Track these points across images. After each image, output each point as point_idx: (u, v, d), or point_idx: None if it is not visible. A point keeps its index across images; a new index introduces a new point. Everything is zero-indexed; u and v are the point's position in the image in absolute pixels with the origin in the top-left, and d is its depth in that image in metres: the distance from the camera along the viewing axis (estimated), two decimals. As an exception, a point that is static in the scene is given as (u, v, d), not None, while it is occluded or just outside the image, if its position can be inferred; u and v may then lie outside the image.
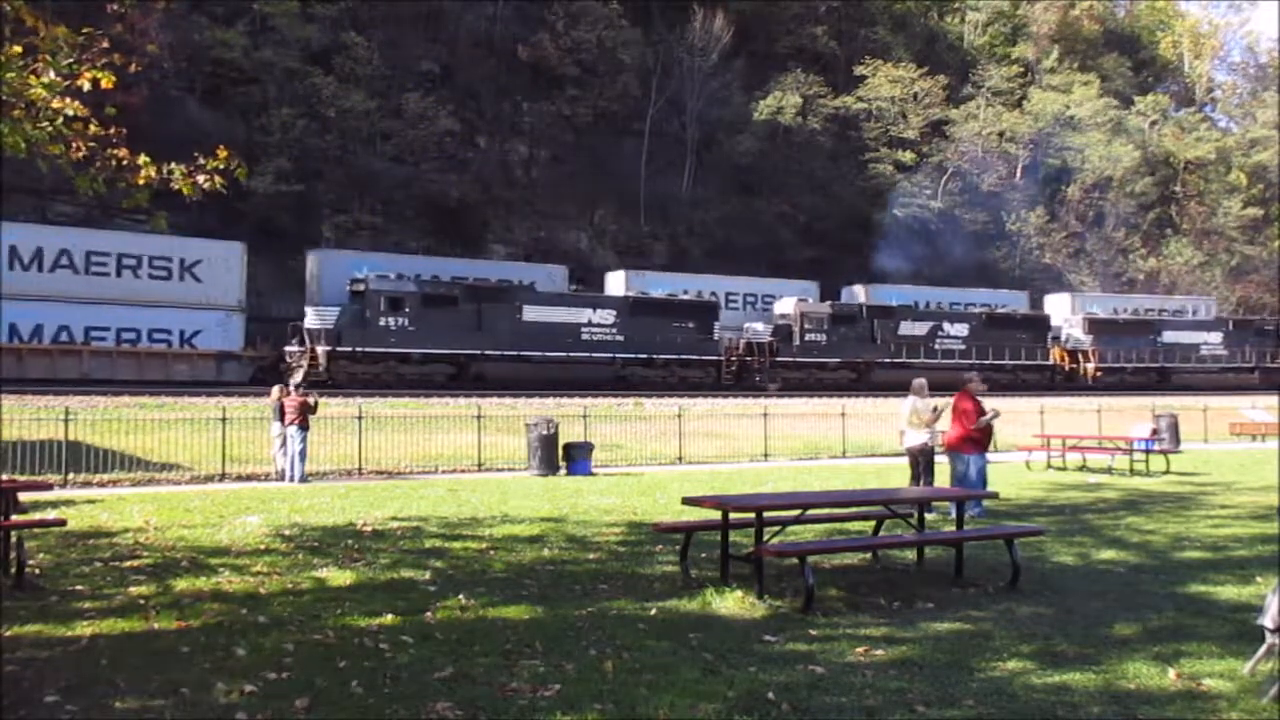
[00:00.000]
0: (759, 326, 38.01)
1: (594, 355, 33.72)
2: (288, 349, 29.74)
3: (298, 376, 24.49)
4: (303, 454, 16.50)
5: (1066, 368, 43.11)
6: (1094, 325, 44.36)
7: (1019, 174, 64.47)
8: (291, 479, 16.22)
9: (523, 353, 32.15)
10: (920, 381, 13.48)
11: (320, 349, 29.00)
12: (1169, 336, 45.57)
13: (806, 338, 37.59)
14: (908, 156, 58.30)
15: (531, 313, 32.86)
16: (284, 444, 16.89)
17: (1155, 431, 21.70)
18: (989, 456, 13.26)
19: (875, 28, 64.16)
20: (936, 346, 40.11)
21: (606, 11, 52.11)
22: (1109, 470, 18.36)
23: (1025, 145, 63.07)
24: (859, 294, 43.15)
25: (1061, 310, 46.91)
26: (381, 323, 30.23)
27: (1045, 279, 60.84)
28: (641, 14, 55.00)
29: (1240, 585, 7.87)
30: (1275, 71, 74.41)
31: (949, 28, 69.05)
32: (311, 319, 29.63)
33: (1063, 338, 44.13)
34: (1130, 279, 63.85)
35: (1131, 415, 28.42)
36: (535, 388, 30.04)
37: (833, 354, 37.95)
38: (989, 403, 13.36)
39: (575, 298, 35.20)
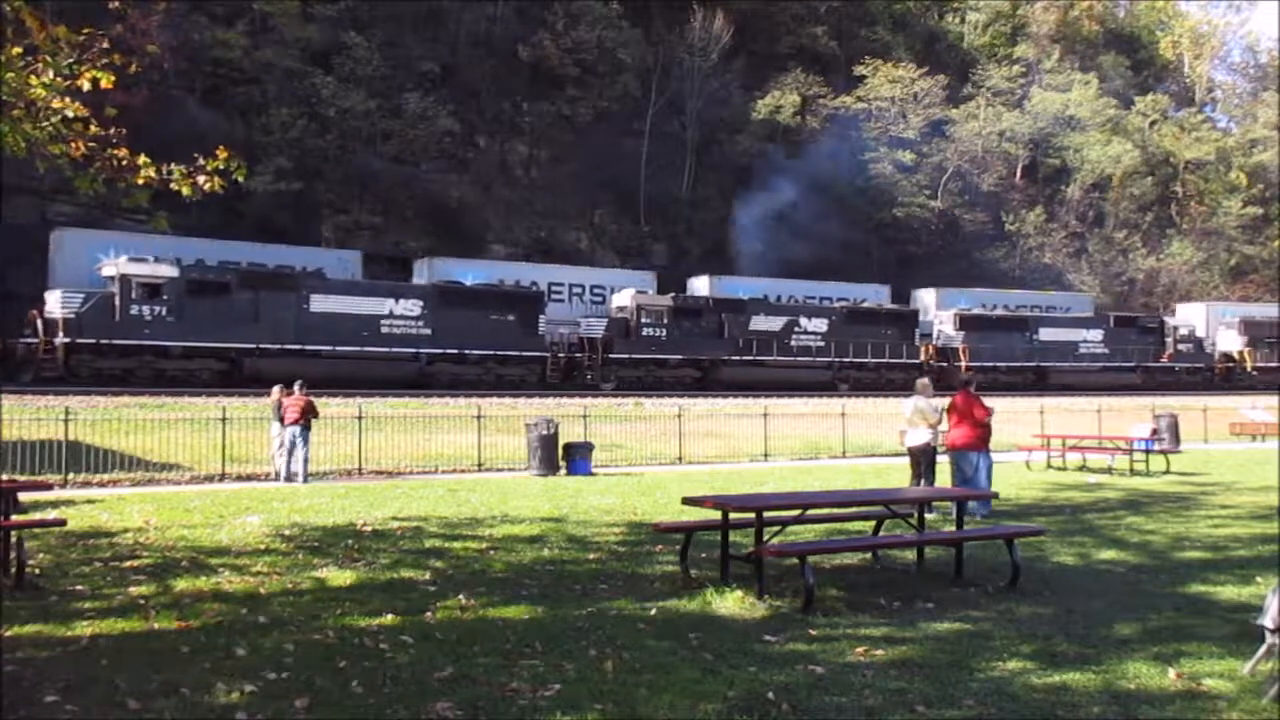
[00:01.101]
0: (593, 321, 35.24)
1: (394, 350, 30.71)
2: (22, 340, 26.56)
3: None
4: (305, 455, 16.50)
5: (935, 367, 40.23)
6: (966, 321, 41.83)
7: (1019, 174, 64.47)
8: (294, 479, 16.22)
9: (308, 347, 29.05)
10: (924, 381, 13.47)
11: (59, 340, 25.89)
12: (1046, 334, 43.10)
13: (645, 332, 34.77)
14: (907, 156, 58.31)
15: (320, 302, 29.66)
16: (283, 445, 16.90)
17: (1155, 431, 21.70)
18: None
19: (875, 28, 64.18)
20: (792, 343, 37.65)
21: (606, 11, 52.12)
22: (1109, 470, 18.35)
23: (1025, 145, 63.09)
24: (704, 286, 40.31)
25: (931, 305, 44.37)
26: (134, 312, 26.92)
27: (1045, 279, 60.88)
28: (641, 14, 55.01)
29: (1240, 585, 7.87)
30: (1275, 71, 74.41)
31: (949, 28, 69.04)
32: (51, 306, 26.46)
33: (934, 335, 42.05)
34: (1130, 279, 63.88)
35: (1131, 415, 28.41)
36: (326, 386, 25.94)
37: (674, 350, 35.20)
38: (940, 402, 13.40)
39: (373, 286, 32.05)
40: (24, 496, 11.01)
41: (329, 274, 31.41)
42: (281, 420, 16.90)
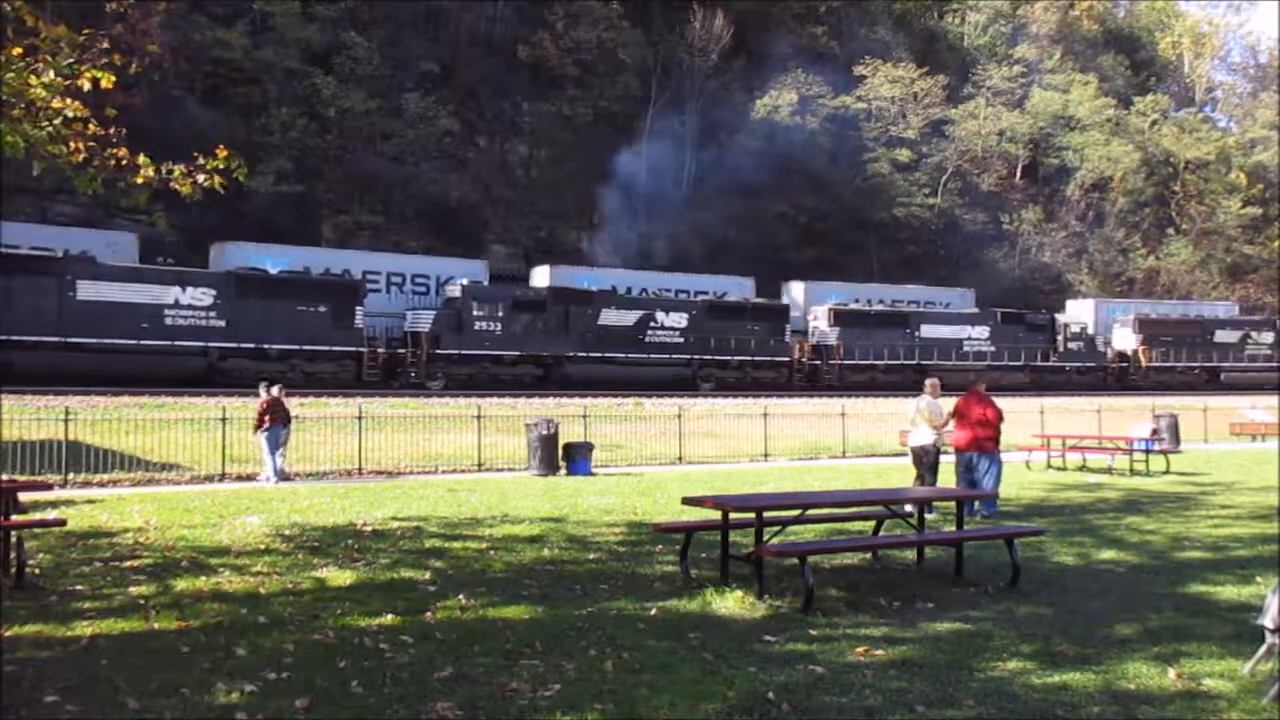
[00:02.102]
0: (420, 313, 32.46)
1: (178, 344, 27.72)
2: None
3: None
4: (281, 455, 16.54)
5: (806, 365, 38.65)
6: (841, 317, 39.37)
7: (1019, 174, 64.49)
8: (286, 478, 16.27)
9: (73, 340, 26.13)
10: (933, 381, 13.42)
11: None
12: (928, 331, 40.77)
13: (478, 326, 31.99)
14: (905, 155, 58.32)
15: (88, 290, 26.60)
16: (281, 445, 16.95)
17: (1155, 431, 21.69)
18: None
19: (875, 28, 64.20)
20: (647, 339, 35.01)
21: (606, 11, 52.11)
22: (1109, 470, 18.35)
23: (1025, 144, 63.11)
24: (547, 276, 37.16)
25: (801, 300, 41.92)
26: None
27: (1044, 279, 60.90)
28: (641, 14, 55.01)
29: (1240, 585, 7.87)
30: (1275, 71, 74.42)
31: (949, 28, 69.07)
32: None
33: (809, 331, 39.85)
34: (1130, 278, 63.89)
35: (1131, 415, 28.42)
36: (91, 383, 24.23)
37: (511, 346, 32.51)
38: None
39: (156, 272, 28.43)
40: (24, 496, 11.01)
41: (101, 258, 27.98)
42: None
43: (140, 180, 7.73)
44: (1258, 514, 12.34)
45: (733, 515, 8.02)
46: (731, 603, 7.10)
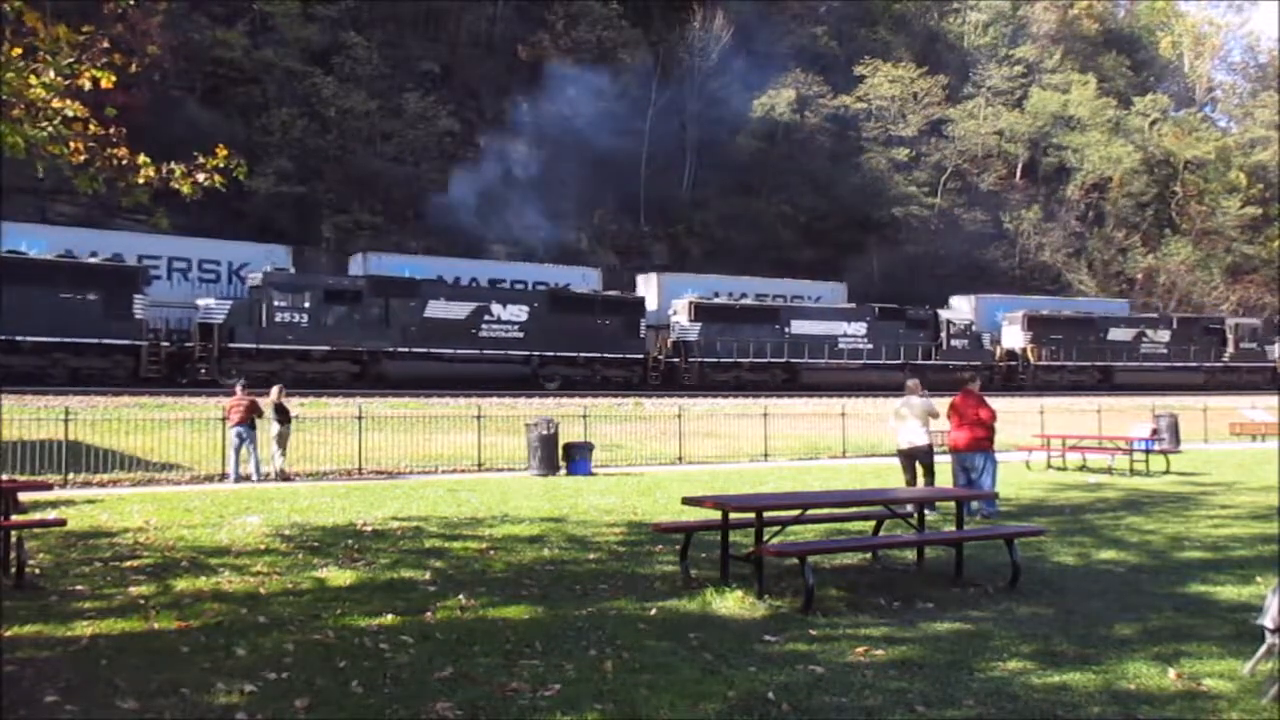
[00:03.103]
0: (212, 304, 29.09)
1: None
2: None
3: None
4: (255, 454, 16.59)
5: (663, 363, 35.70)
6: (702, 311, 36.44)
7: (1019, 173, 64.50)
8: (244, 479, 16.30)
9: None
10: (914, 382, 13.42)
11: None
12: (799, 327, 38.01)
13: (280, 318, 28.88)
14: (905, 155, 58.32)
15: None
16: (280, 445, 16.98)
17: (1155, 431, 21.70)
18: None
19: (875, 27, 64.22)
20: (482, 333, 32.29)
21: (606, 11, 52.11)
22: (1109, 470, 18.35)
23: (1024, 144, 63.11)
24: (365, 264, 33.86)
25: (656, 293, 38.65)
26: None
27: (1045, 279, 60.90)
28: (641, 14, 55.02)
29: (1240, 585, 7.87)
30: (1275, 71, 74.43)
31: (949, 28, 69.09)
32: None
33: (671, 326, 36.86)
34: (1130, 278, 63.89)
35: (1131, 415, 28.42)
36: None
37: (319, 340, 29.50)
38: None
39: None
40: (24, 496, 11.01)
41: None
42: (280, 420, 17.00)
43: (140, 180, 7.73)
44: (1258, 514, 12.34)
45: (733, 515, 8.01)
46: (731, 603, 7.10)
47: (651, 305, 37.31)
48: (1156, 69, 77.59)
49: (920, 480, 12.73)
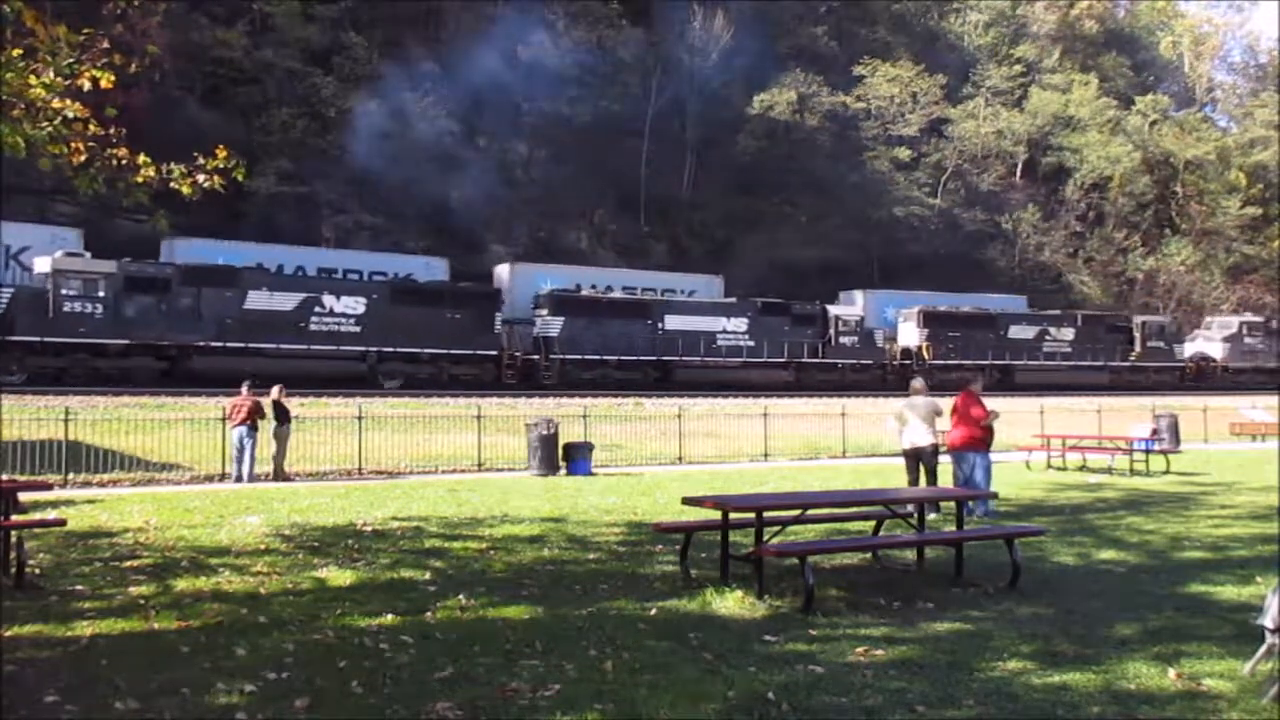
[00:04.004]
0: None
1: None
2: None
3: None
4: (252, 455, 16.60)
5: (520, 360, 33.23)
6: (565, 305, 33.85)
7: (1019, 173, 64.51)
8: (241, 479, 16.30)
9: None
10: (919, 382, 13.42)
11: None
12: (673, 322, 35.44)
13: (71, 309, 26.14)
14: (905, 154, 58.33)
15: None
16: (280, 445, 17.00)
17: (1155, 431, 21.70)
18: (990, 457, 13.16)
19: (876, 27, 64.23)
20: (312, 326, 29.70)
21: (606, 11, 52.11)
22: (1109, 470, 18.35)
23: (1024, 144, 63.12)
24: (172, 250, 30.61)
25: (522, 286, 35.73)
26: None
27: (1044, 279, 60.91)
28: (641, 14, 55.03)
29: (1240, 585, 7.87)
30: (1275, 71, 74.43)
31: (949, 28, 69.11)
32: None
33: (534, 322, 34.45)
34: (1130, 279, 63.89)
35: (1131, 415, 28.43)
36: None
37: (117, 333, 26.60)
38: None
39: None
40: (24, 496, 11.01)
41: None
42: (280, 420, 17.02)
43: (140, 180, 7.73)
44: (1258, 514, 12.34)
45: (733, 515, 8.02)
46: (731, 603, 7.10)
47: (513, 298, 34.68)
48: (1156, 69, 77.61)
49: (922, 480, 12.73)
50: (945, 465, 13.32)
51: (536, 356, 33.12)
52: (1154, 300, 62.26)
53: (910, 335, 40.73)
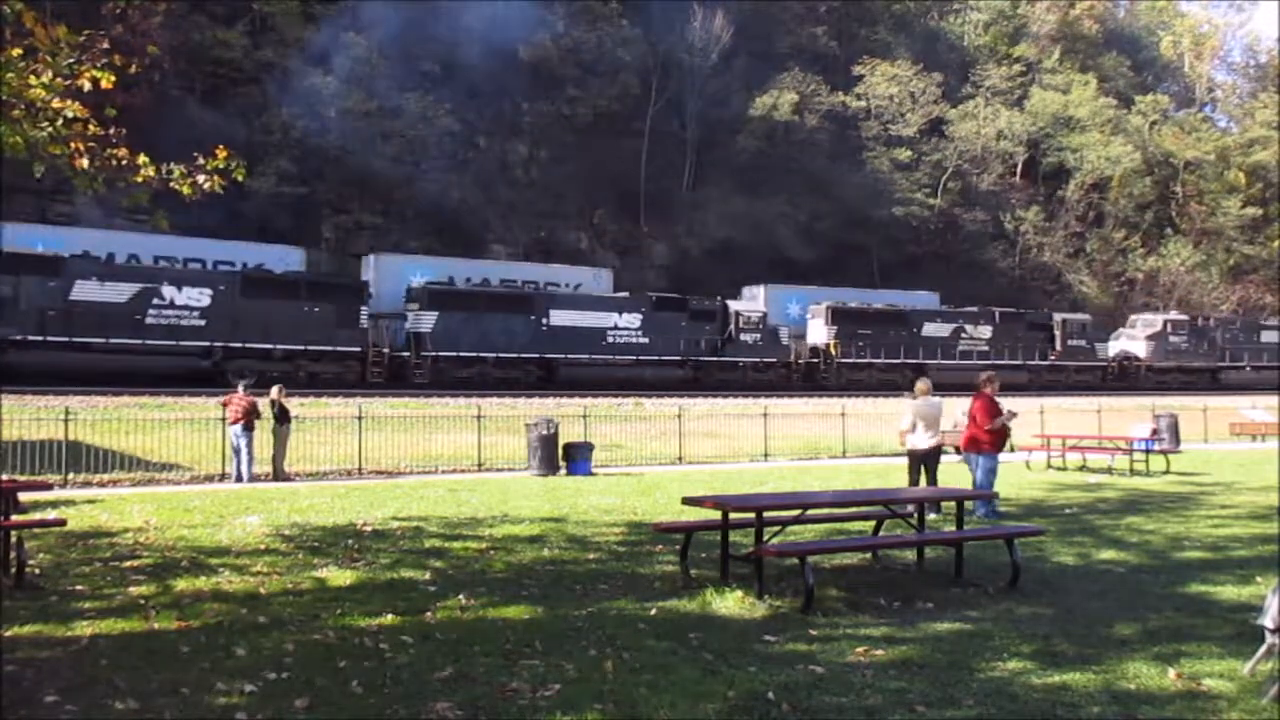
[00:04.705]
0: None
1: None
2: None
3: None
4: (250, 455, 16.60)
5: (387, 357, 31.10)
6: (439, 300, 31.81)
7: (1019, 173, 64.50)
8: (240, 479, 16.29)
9: None
10: (925, 383, 13.36)
11: None
12: (560, 318, 33.57)
13: None
14: (905, 154, 58.33)
15: None
16: (279, 445, 17.01)
17: (1155, 431, 21.71)
18: (1000, 457, 13.04)
19: (876, 27, 64.24)
20: (149, 320, 27.35)
21: (606, 11, 52.12)
22: (1109, 470, 18.35)
23: (1024, 144, 63.12)
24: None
25: (390, 278, 33.60)
26: None
27: (1045, 279, 60.90)
28: (642, 14, 55.04)
29: (1240, 585, 7.87)
30: (1275, 71, 74.42)
31: (949, 28, 69.11)
32: None
33: (405, 318, 32.35)
34: (1130, 279, 63.88)
35: (1131, 415, 28.43)
36: None
37: None
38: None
39: None
40: (24, 496, 11.02)
41: None
42: (280, 420, 17.06)
43: (140, 180, 7.73)
44: (1258, 514, 12.34)
45: (733, 515, 8.02)
46: (731, 603, 7.10)
47: (381, 291, 32.57)
48: (1156, 69, 77.58)
49: (922, 481, 12.73)
50: (946, 466, 13.32)
51: (407, 354, 31.32)
52: (1154, 300, 62.24)
53: (819, 333, 39.30)
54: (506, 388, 30.97)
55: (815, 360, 38.66)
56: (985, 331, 41.97)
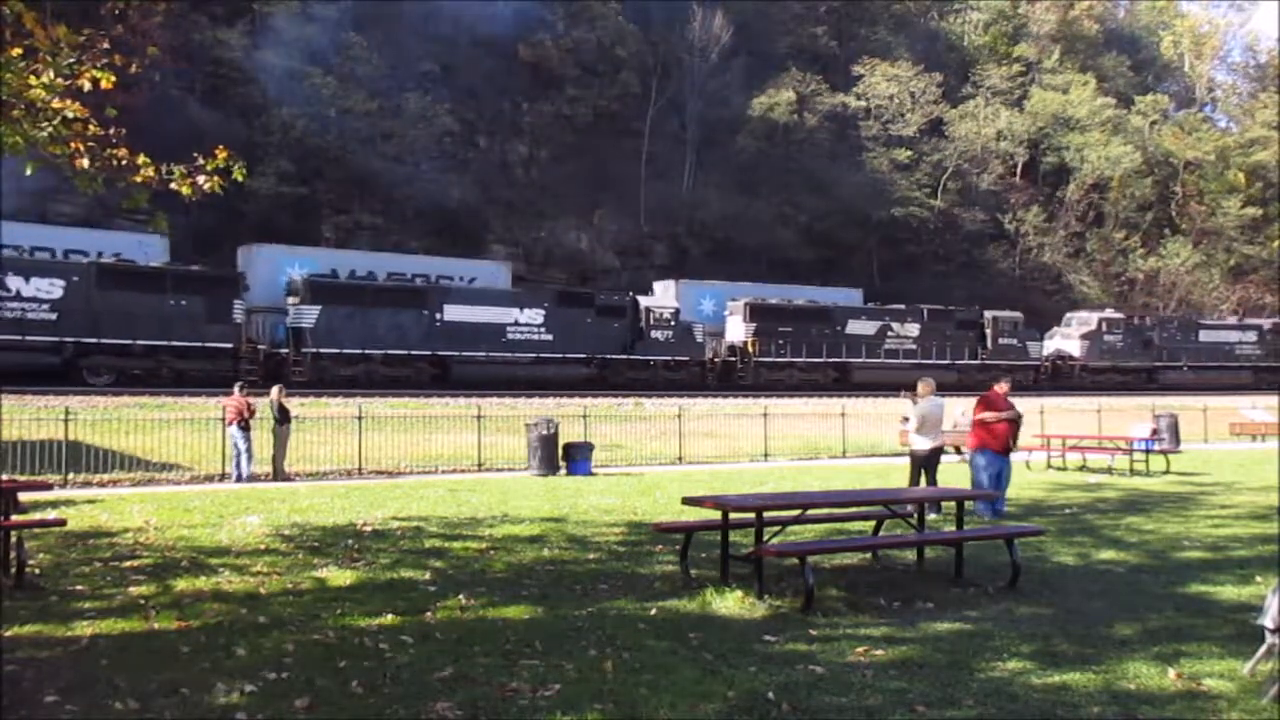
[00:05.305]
0: None
1: None
2: None
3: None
4: (249, 454, 16.60)
5: (262, 354, 29.23)
6: (321, 293, 30.05)
7: (1019, 173, 64.51)
8: (240, 479, 16.30)
9: None
10: (928, 383, 13.29)
11: None
12: (454, 313, 31.63)
13: None
14: (905, 155, 58.34)
15: None
16: (279, 445, 17.02)
17: (1155, 431, 21.71)
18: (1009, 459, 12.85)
19: (876, 27, 64.25)
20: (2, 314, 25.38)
21: (606, 10, 52.14)
22: (1109, 470, 18.35)
23: (1024, 144, 63.13)
24: None
25: (268, 270, 31.64)
26: None
27: (1045, 279, 60.91)
28: (641, 14, 55.07)
29: (1240, 585, 7.87)
30: (1275, 71, 74.42)
31: (949, 28, 69.13)
32: None
33: (288, 312, 30.23)
34: (1130, 279, 63.89)
35: (1131, 415, 28.43)
36: None
37: None
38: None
39: None
40: (24, 496, 11.01)
41: None
42: (280, 420, 17.08)
43: (140, 180, 7.72)
44: (1258, 514, 12.34)
45: (733, 515, 8.01)
46: (731, 603, 7.10)
47: (258, 284, 30.57)
48: (1156, 69, 77.60)
49: (923, 481, 12.72)
50: (946, 466, 13.32)
51: (286, 350, 29.52)
52: (1154, 300, 62.27)
53: (737, 331, 37.65)
54: (396, 387, 29.19)
55: (733, 359, 37.25)
56: (912, 330, 40.50)
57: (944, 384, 37.03)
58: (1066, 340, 44.20)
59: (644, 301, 35.93)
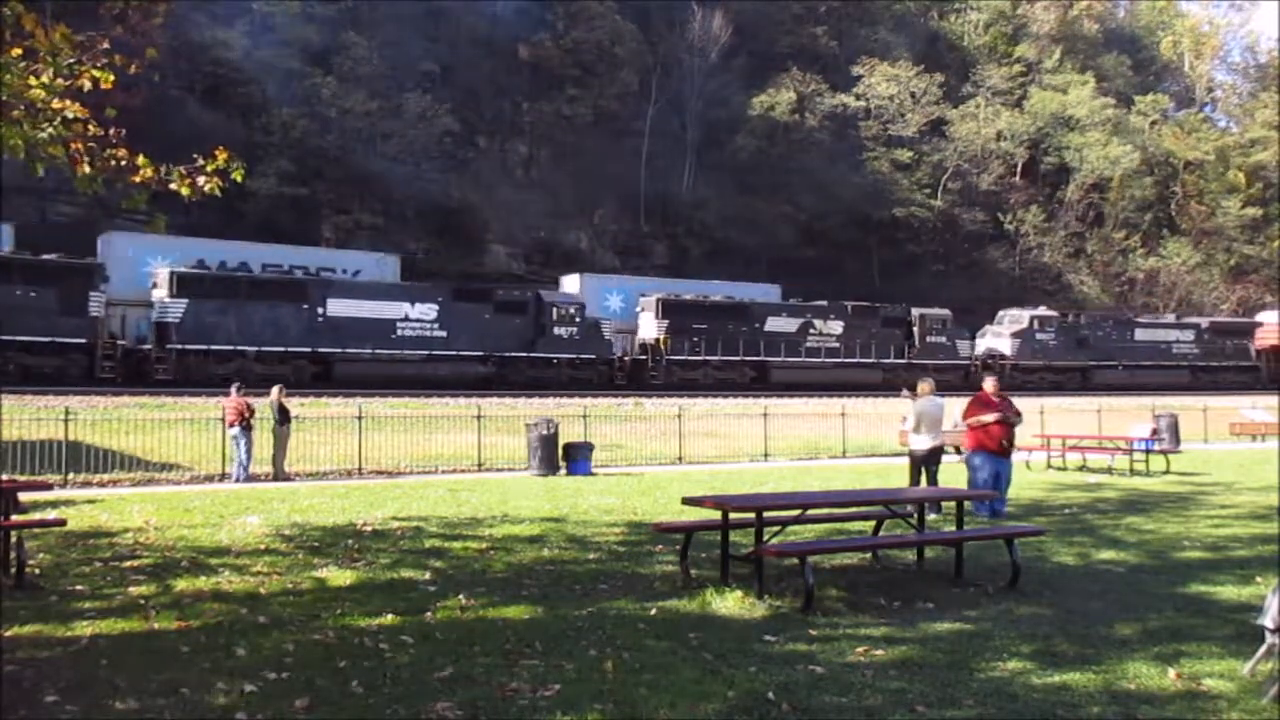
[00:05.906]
0: None
1: None
2: None
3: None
4: (247, 455, 16.62)
5: (119, 350, 27.28)
6: (188, 285, 27.98)
7: (1019, 173, 64.52)
8: (237, 479, 16.31)
9: None
10: (928, 383, 13.28)
11: None
12: (338, 308, 29.95)
13: None
14: (905, 155, 58.36)
15: None
16: (279, 445, 17.02)
17: (1155, 431, 21.71)
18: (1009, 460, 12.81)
19: (876, 28, 64.28)
20: None
21: (606, 10, 52.18)
22: (1109, 470, 18.34)
23: (1024, 144, 63.14)
24: None
25: (130, 261, 29.69)
26: None
27: (1045, 278, 60.92)
28: (641, 14, 55.09)
29: (1240, 585, 7.87)
30: (1275, 71, 74.43)
31: (949, 28, 69.14)
32: None
33: (154, 306, 28.10)
34: (1130, 279, 63.89)
35: (1132, 415, 28.43)
36: None
37: None
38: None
39: None
40: (24, 496, 11.01)
41: None
42: (281, 420, 17.08)
43: (139, 180, 7.72)
44: (1258, 514, 12.33)
45: (733, 515, 8.01)
46: (731, 603, 7.10)
47: (119, 275, 28.71)
48: (1156, 69, 77.60)
49: (923, 481, 12.72)
50: (946, 467, 13.32)
51: (149, 347, 27.80)
52: (1154, 300, 62.26)
53: (649, 327, 36.05)
54: (273, 385, 27.01)
55: (644, 357, 35.56)
56: (836, 327, 38.87)
57: (868, 384, 36.71)
58: (998, 339, 42.72)
59: (547, 297, 34.50)
